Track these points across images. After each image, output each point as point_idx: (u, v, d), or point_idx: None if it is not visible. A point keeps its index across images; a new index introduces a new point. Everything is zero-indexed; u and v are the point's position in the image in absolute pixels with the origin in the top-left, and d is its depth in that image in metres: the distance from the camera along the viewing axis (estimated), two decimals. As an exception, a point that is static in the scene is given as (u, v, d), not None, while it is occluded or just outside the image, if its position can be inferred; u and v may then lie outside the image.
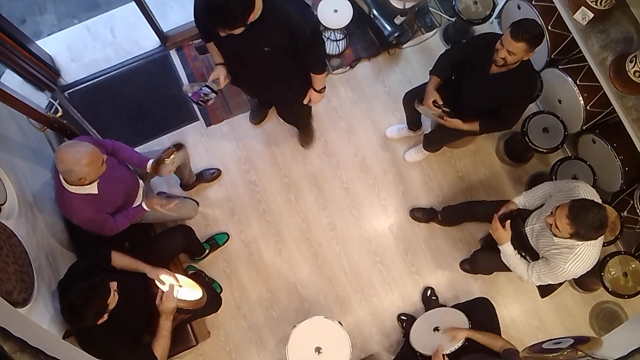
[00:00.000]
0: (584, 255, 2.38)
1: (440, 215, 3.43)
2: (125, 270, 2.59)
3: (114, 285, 2.28)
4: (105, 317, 2.25)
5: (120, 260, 2.59)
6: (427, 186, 3.61)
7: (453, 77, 3.03)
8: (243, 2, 2.05)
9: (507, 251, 2.64)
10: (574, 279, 3.22)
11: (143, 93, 3.70)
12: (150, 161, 2.72)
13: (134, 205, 2.81)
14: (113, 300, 2.26)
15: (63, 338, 2.44)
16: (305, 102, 2.85)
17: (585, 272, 2.44)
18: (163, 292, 2.50)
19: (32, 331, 1.89)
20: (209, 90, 2.52)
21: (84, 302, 2.17)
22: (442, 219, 3.43)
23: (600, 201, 2.41)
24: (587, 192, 2.47)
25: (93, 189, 2.46)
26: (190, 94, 2.53)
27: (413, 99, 3.07)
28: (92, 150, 2.32)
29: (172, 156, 2.65)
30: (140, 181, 2.90)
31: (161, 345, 2.48)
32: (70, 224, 3.04)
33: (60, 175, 2.40)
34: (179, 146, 2.70)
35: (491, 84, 2.74)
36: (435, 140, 3.33)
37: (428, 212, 3.49)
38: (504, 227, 2.62)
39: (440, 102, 2.87)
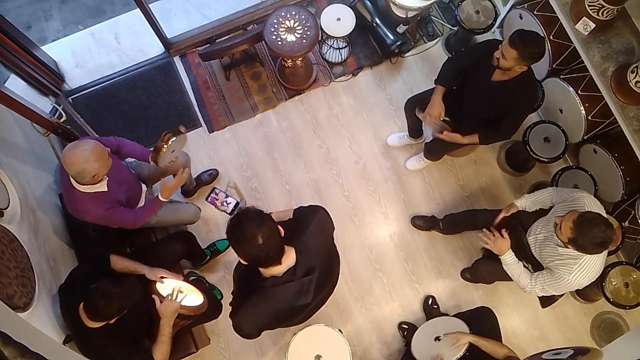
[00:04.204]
0: (589, 266, 2.38)
1: (441, 224, 3.43)
2: (125, 274, 2.60)
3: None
4: (117, 317, 2.25)
5: (119, 263, 2.60)
6: (428, 194, 3.61)
7: (455, 87, 3.04)
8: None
9: (509, 260, 2.63)
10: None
11: (146, 99, 3.72)
12: (151, 153, 2.69)
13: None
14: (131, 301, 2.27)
15: (63, 343, 2.44)
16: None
17: (589, 282, 2.43)
18: (163, 294, 2.50)
19: (32, 336, 1.90)
20: (232, 204, 2.38)
21: (118, 294, 2.18)
22: (443, 227, 3.43)
23: (604, 213, 2.41)
24: (592, 203, 2.46)
25: (103, 186, 2.48)
26: (212, 194, 2.40)
27: (415, 106, 3.08)
28: (95, 145, 2.34)
29: (169, 142, 2.55)
30: (143, 185, 2.91)
31: (161, 350, 2.47)
32: (72, 229, 3.05)
33: (70, 177, 2.41)
34: (176, 131, 2.59)
35: (492, 90, 2.74)
36: (436, 149, 3.34)
37: (429, 220, 3.49)
38: (502, 236, 2.61)
39: (443, 117, 2.88)
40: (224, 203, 2.36)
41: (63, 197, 2.59)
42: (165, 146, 2.55)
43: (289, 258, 1.90)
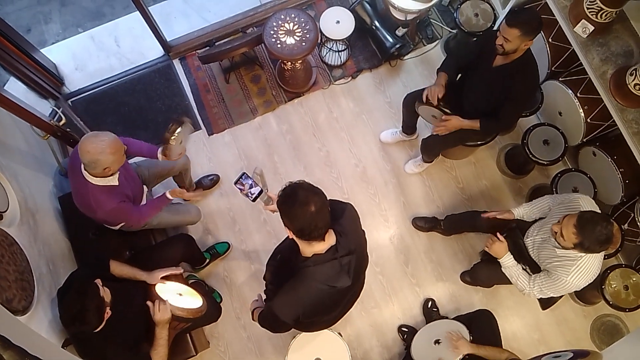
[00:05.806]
0: (586, 267, 2.38)
1: (442, 224, 3.43)
2: (124, 279, 2.60)
3: (98, 281, 2.29)
4: (109, 311, 2.26)
5: (118, 268, 2.60)
6: (427, 197, 3.61)
7: (457, 79, 3.06)
8: None
9: (508, 263, 2.63)
10: (575, 291, 3.22)
11: (146, 102, 3.72)
12: (160, 148, 2.71)
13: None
14: (105, 293, 2.27)
15: (62, 347, 2.43)
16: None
17: (587, 284, 2.43)
18: (158, 302, 2.50)
19: (31, 340, 1.89)
20: (256, 193, 2.38)
21: (80, 306, 2.18)
22: (444, 227, 3.43)
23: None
24: (588, 204, 2.48)
25: (114, 180, 2.51)
26: (239, 182, 2.38)
27: (415, 99, 3.08)
28: (114, 139, 2.36)
29: (176, 132, 2.58)
30: (145, 187, 2.92)
31: (159, 354, 2.47)
32: (72, 232, 3.05)
33: (83, 168, 2.42)
34: (180, 121, 2.62)
35: (493, 76, 2.77)
36: (433, 145, 3.28)
37: (430, 221, 3.49)
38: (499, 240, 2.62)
39: (441, 102, 2.91)
40: (249, 194, 2.41)
41: (72, 192, 2.60)
42: (172, 137, 2.58)
43: (331, 237, 1.95)
